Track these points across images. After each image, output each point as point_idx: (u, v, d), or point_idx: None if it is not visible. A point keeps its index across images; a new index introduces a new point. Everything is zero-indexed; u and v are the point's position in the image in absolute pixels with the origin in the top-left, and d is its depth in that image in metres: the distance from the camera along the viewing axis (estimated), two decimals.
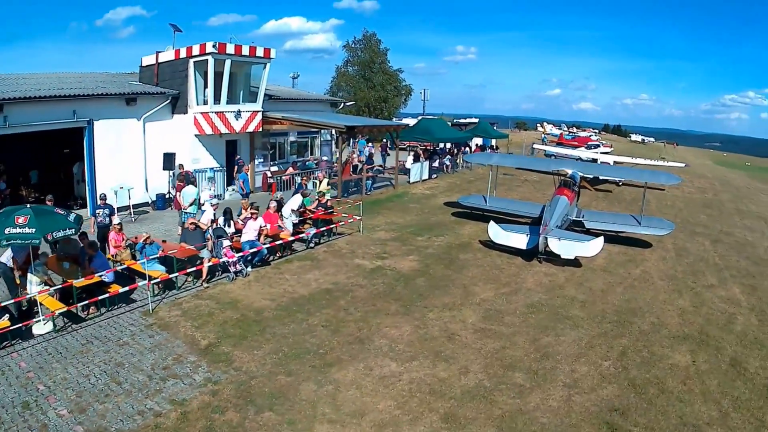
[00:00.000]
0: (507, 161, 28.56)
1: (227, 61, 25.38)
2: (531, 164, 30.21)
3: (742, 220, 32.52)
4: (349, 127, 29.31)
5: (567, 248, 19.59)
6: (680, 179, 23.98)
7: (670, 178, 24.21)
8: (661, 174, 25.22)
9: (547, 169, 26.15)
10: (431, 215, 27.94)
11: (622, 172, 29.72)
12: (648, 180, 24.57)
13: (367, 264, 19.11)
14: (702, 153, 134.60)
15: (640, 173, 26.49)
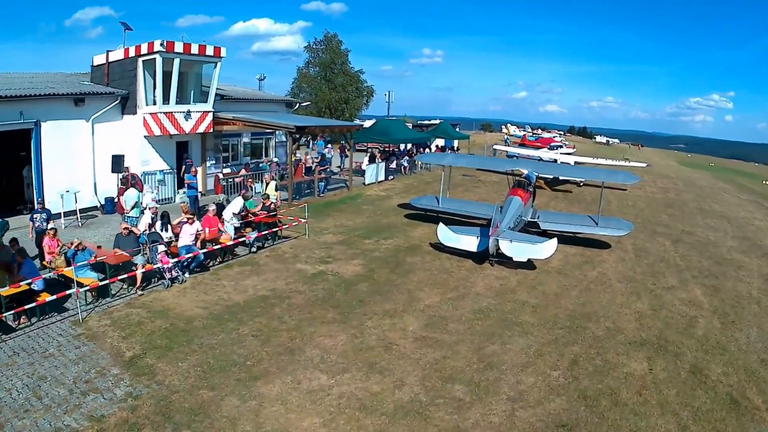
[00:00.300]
0: (460, 161, 27.28)
1: (176, 60, 24.45)
2: (485, 164, 28.87)
3: (705, 219, 31.80)
4: (298, 127, 27.90)
5: (519, 250, 18.43)
6: (638, 178, 22.99)
7: (627, 178, 23.21)
8: (619, 173, 24.24)
9: (502, 169, 24.90)
10: (383, 217, 26.73)
11: (579, 172, 28.60)
12: (605, 179, 23.57)
13: (309, 269, 17.97)
14: (667, 154, 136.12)
15: (597, 173, 25.45)
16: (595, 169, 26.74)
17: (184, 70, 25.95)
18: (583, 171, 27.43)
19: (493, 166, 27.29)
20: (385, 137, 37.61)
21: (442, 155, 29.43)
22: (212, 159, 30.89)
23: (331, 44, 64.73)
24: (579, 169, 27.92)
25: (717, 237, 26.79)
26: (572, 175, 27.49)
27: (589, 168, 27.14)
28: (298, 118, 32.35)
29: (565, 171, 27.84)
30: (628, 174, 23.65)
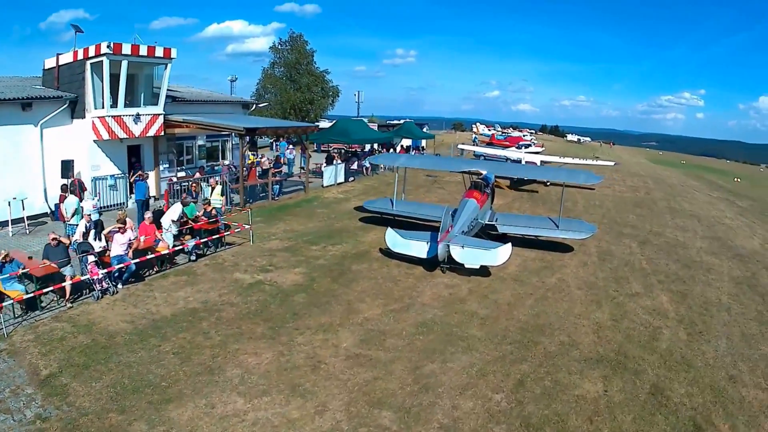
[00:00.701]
0: (414, 162, 25.63)
1: (124, 62, 23.59)
2: (441, 165, 27.00)
3: (674, 219, 30.71)
4: (248, 129, 26.47)
5: (471, 256, 17.06)
6: (602, 178, 21.68)
7: (590, 177, 21.94)
8: (581, 173, 22.93)
9: (458, 170, 23.41)
10: (336, 221, 25.32)
11: (540, 172, 26.91)
12: (566, 179, 22.25)
13: (247, 278, 16.73)
14: (638, 152, 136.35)
15: (558, 173, 24.01)
16: (556, 169, 25.17)
17: (134, 72, 25.23)
18: (544, 171, 25.84)
19: (449, 167, 25.54)
20: (345, 137, 36.07)
21: (395, 156, 27.77)
22: (165, 163, 29.52)
23: (296, 45, 63.12)
24: (540, 170, 26.31)
25: (686, 238, 25.68)
26: (532, 176, 25.85)
27: (550, 168, 25.53)
28: (251, 120, 30.78)
29: (526, 171, 26.23)
30: (591, 174, 22.37)
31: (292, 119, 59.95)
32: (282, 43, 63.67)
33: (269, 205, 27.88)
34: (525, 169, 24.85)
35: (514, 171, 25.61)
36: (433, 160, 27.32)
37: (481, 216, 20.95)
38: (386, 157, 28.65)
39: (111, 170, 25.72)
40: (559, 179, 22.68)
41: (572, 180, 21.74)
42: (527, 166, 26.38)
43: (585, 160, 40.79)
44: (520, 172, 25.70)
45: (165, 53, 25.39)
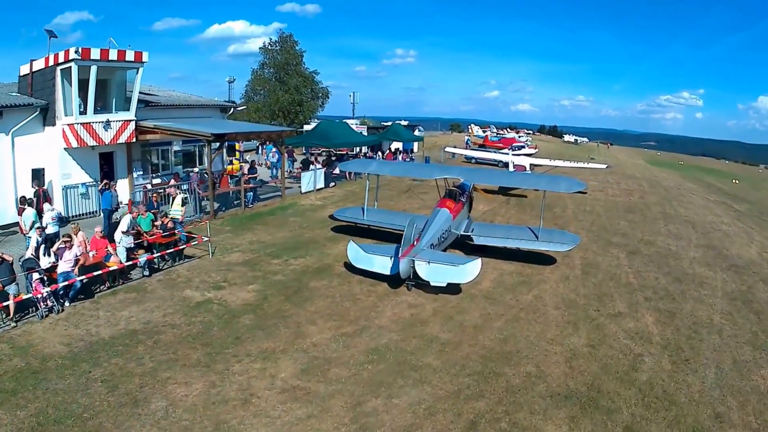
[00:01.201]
0: (386, 169, 23.87)
1: (93, 68, 22.88)
2: (414, 172, 24.96)
3: (668, 225, 29.17)
4: (216, 135, 25.25)
5: (437, 273, 15.68)
6: (585, 185, 20.11)
7: (571, 185, 20.39)
8: (562, 181, 21.22)
9: (431, 177, 21.81)
10: (307, 230, 24.01)
11: (518, 180, 24.43)
12: (546, 188, 20.51)
13: (197, 296, 15.61)
14: (636, 152, 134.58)
15: (537, 180, 22.20)
16: (536, 177, 23.22)
17: (106, 77, 24.46)
18: (523, 179, 23.74)
19: (423, 173, 23.64)
20: (325, 141, 34.58)
21: (366, 162, 25.97)
22: (139, 169, 28.52)
23: (285, 45, 61.57)
24: (518, 177, 24.29)
25: (679, 246, 24.15)
26: (509, 183, 23.84)
27: (529, 175, 23.58)
28: (222, 125, 29.26)
29: (503, 179, 24.18)
30: (573, 181, 20.76)
31: (280, 121, 58.52)
32: (272, 44, 62.04)
33: (241, 214, 26.67)
34: (502, 177, 23.00)
35: (490, 178, 23.70)
36: (406, 166, 25.60)
37: (456, 226, 19.61)
38: (356, 163, 26.93)
39: (83, 178, 25.02)
40: (539, 187, 21.06)
41: (552, 188, 20.07)
42: (505, 173, 24.35)
43: (576, 163, 39.22)
44: (497, 179, 23.80)
45: (136, 57, 24.55)
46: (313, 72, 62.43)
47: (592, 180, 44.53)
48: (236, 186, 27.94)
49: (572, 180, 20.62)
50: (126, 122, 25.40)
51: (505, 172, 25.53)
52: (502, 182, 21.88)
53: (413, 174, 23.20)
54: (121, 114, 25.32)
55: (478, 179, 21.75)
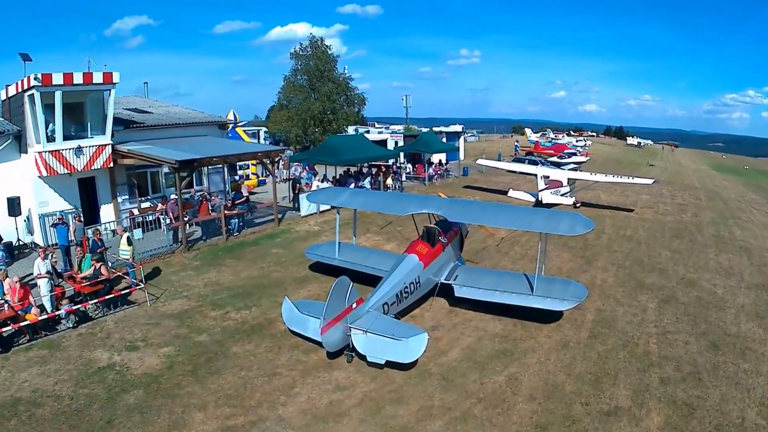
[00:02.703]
0: (357, 200, 19.67)
1: (57, 93, 21.68)
2: (388, 205, 19.41)
3: (719, 255, 24.80)
4: (183, 162, 22.78)
5: (374, 347, 12.59)
6: (591, 227, 15.50)
7: (574, 226, 15.67)
8: (564, 219, 15.99)
9: (404, 212, 17.73)
10: (281, 268, 21.17)
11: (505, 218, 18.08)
12: (540, 229, 15.94)
13: (104, 359, 13.59)
14: (702, 156, 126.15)
15: (531, 219, 16.84)
16: (531, 214, 17.26)
17: (80, 99, 23.45)
18: (515, 216, 17.40)
19: (398, 208, 18.61)
20: (332, 158, 31.40)
21: (336, 192, 21.54)
22: (125, 194, 26.98)
23: (316, 50, 58.94)
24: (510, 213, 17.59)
25: (727, 289, 19.99)
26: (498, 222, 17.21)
27: (524, 212, 17.37)
28: (197, 147, 26.48)
29: (491, 216, 18.09)
30: (578, 219, 16.13)
31: (312, 130, 56.02)
32: (302, 49, 59.55)
33: (222, 244, 24.28)
34: (490, 213, 17.67)
35: (475, 215, 18.24)
36: (380, 198, 21.16)
37: (435, 272, 16.50)
38: (324, 193, 22.78)
39: (60, 206, 23.91)
40: (533, 228, 16.89)
41: (550, 229, 15.63)
42: (494, 208, 18.66)
43: (620, 178, 34.56)
44: (483, 216, 18.20)
45: (105, 79, 23.13)
46: (347, 78, 59.49)
47: (645, 194, 40.09)
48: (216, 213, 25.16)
49: (577, 217, 16.37)
50: (101, 147, 24.09)
51: (496, 207, 20.09)
52: (489, 220, 17.49)
53: (387, 208, 19.28)
54: (97, 138, 24.02)
55: (460, 215, 17.73)
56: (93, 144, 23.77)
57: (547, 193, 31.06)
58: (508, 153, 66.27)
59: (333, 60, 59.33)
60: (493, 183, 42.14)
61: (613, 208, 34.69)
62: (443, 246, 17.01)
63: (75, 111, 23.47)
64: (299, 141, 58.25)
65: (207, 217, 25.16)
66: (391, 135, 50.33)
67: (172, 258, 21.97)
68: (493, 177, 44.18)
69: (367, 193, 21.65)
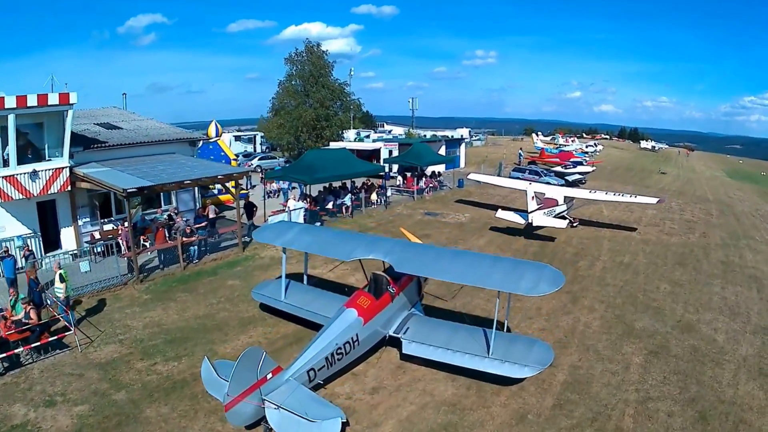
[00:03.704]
0: (303, 240, 16.98)
1: (10, 116, 20.52)
2: (332, 248, 16.48)
3: (725, 287, 22.40)
4: (134, 191, 20.98)
5: (288, 426, 10.57)
6: (558, 285, 12.78)
7: (537, 283, 12.98)
8: (527, 273, 13.55)
9: (348, 257, 15.23)
10: (230, 305, 19.26)
11: (458, 269, 14.55)
12: (497, 287, 13.30)
13: (19, 416, 12.31)
14: (718, 160, 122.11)
15: (487, 272, 13.73)
16: (491, 263, 14.20)
17: (38, 120, 22.20)
18: (474, 268, 14.21)
19: (342, 252, 15.75)
20: (307, 176, 29.20)
21: (284, 227, 18.60)
22: (86, 216, 25.30)
23: (312, 56, 56.83)
24: (462, 264, 14.56)
25: (728, 335, 17.66)
26: (446, 275, 14.36)
27: (485, 262, 14.16)
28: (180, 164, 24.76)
29: (445, 266, 14.87)
30: (544, 273, 13.41)
31: (304, 138, 53.97)
32: (297, 54, 57.45)
33: (178, 273, 22.59)
34: (445, 262, 14.80)
35: (424, 264, 14.94)
36: (328, 238, 17.79)
37: (383, 324, 14.59)
38: (271, 228, 19.74)
39: (19, 230, 22.95)
40: (487, 285, 14.14)
41: (508, 287, 12.97)
42: (450, 256, 15.35)
43: (621, 196, 31.61)
44: (432, 266, 14.88)
45: (61, 100, 21.61)
46: (342, 84, 57.34)
47: (651, 208, 37.38)
48: (173, 241, 23.05)
49: (543, 272, 13.57)
50: (58, 170, 22.64)
51: (453, 255, 16.29)
52: (440, 271, 14.52)
53: (332, 251, 16.64)
54: (54, 161, 22.63)
55: (408, 264, 14.83)
56: (49, 167, 22.39)
57: (539, 214, 28.45)
58: (513, 160, 63.64)
59: (329, 65, 57.18)
60: (488, 197, 39.85)
61: (614, 227, 32.21)
62: (392, 296, 14.82)
63: (32, 133, 22.31)
64: (291, 148, 56.28)
65: (163, 245, 23.01)
66: (385, 144, 48.09)
67: (124, 290, 20.43)
68: (490, 189, 41.57)
69: (317, 232, 19.11)
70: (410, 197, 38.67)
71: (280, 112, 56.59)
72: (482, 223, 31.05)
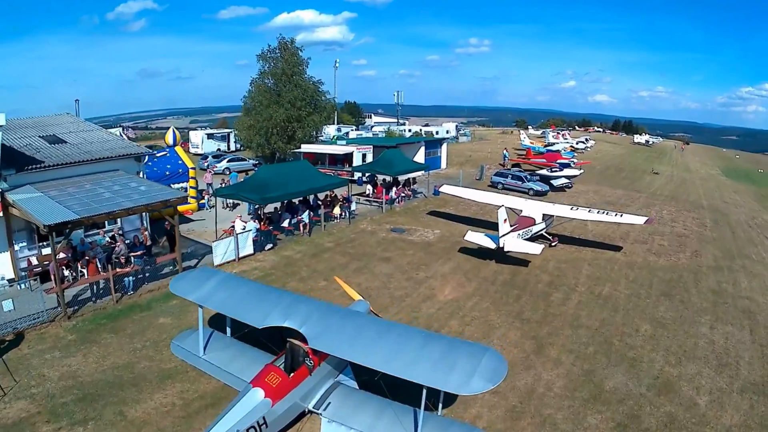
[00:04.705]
0: (215, 298, 14.20)
1: None
2: (246, 312, 13.82)
3: (714, 327, 20.09)
4: (51, 226, 18.58)
5: None
6: (497, 380, 10.00)
7: (470, 379, 10.49)
8: (459, 364, 10.51)
9: (261, 325, 12.64)
10: (155, 351, 16.97)
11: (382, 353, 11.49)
12: (424, 381, 9.98)
13: None
14: (714, 154, 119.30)
15: (415, 360, 10.54)
16: (421, 348, 11.33)
17: None
18: (400, 352, 11.59)
19: (256, 317, 12.90)
20: (256, 195, 26.50)
21: (202, 279, 15.34)
22: (22, 240, 23.18)
23: (285, 52, 53.78)
24: (395, 344, 11.80)
25: (713, 396, 15.44)
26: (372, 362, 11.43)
27: (415, 342, 11.72)
28: (122, 184, 22.48)
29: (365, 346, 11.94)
30: (485, 367, 10.54)
31: (275, 139, 51.17)
32: (270, 50, 54.37)
33: (110, 307, 20.14)
34: (368, 339, 12.19)
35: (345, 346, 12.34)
36: (247, 297, 14.92)
37: (303, 396, 12.61)
38: (188, 280, 16.53)
39: None
40: (412, 378, 11.07)
41: (434, 382, 10.18)
42: (377, 329, 12.82)
43: (604, 215, 28.49)
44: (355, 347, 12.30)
45: None
46: (316, 82, 54.36)
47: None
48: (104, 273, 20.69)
49: (482, 359, 10.69)
50: None
51: (379, 328, 13.44)
52: (359, 354, 11.67)
53: (245, 314, 13.85)
54: None
55: (323, 339, 12.03)
56: None
57: (511, 238, 25.63)
58: (497, 160, 60.94)
59: (304, 62, 54.14)
60: (464, 207, 36.74)
61: (597, 245, 29.57)
62: (310, 370, 12.39)
63: None
64: (262, 149, 53.48)
65: (94, 278, 20.75)
66: (357, 148, 45.29)
67: (50, 328, 18.29)
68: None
69: (235, 285, 15.55)
70: (379, 208, 35.88)
71: (251, 112, 53.57)
72: (452, 243, 28.38)
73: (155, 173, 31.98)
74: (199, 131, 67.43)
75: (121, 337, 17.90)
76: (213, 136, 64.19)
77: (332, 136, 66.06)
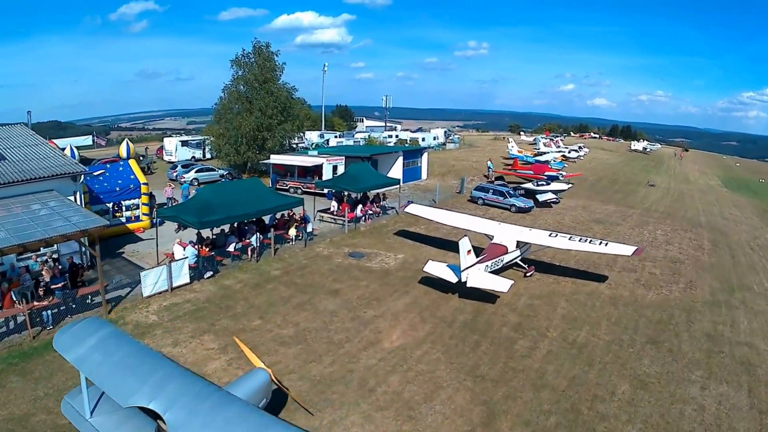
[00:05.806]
0: (91, 359, 11.13)
1: None
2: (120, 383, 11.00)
3: (706, 387, 17.11)
4: None
5: None
6: None
7: None
8: None
9: (125, 403, 9.96)
10: (57, 402, 13.61)
11: None
12: None
13: None
14: (713, 162, 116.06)
15: None
16: None
17: None
18: None
19: (121, 392, 10.33)
20: (195, 218, 23.35)
21: (93, 328, 12.77)
22: None
23: (259, 57, 50.79)
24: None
25: None
26: None
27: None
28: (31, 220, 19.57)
29: None
30: None
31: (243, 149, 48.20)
32: (245, 55, 51.38)
33: (26, 344, 17.76)
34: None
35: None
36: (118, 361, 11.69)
37: None
38: (75, 332, 13.27)
39: None
40: None
41: None
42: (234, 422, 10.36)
43: (591, 243, 24.86)
44: None
45: None
46: (290, 89, 51.39)
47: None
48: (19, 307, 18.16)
49: None
50: None
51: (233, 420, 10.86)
52: None
53: (110, 386, 10.68)
54: None
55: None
56: None
57: (475, 271, 22.24)
58: (482, 171, 57.83)
59: (278, 68, 51.13)
60: (437, 226, 32.77)
61: (579, 274, 26.35)
62: None
63: None
64: (232, 159, 50.49)
65: (10, 312, 18.39)
66: (328, 159, 42.07)
67: None
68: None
69: (116, 347, 12.27)
70: (342, 228, 32.65)
71: (221, 120, 50.63)
72: (414, 271, 25.14)
73: (105, 189, 29.68)
74: (174, 138, 64.24)
75: (28, 381, 15.56)
76: (188, 144, 61.10)
77: (312, 143, 63.11)
